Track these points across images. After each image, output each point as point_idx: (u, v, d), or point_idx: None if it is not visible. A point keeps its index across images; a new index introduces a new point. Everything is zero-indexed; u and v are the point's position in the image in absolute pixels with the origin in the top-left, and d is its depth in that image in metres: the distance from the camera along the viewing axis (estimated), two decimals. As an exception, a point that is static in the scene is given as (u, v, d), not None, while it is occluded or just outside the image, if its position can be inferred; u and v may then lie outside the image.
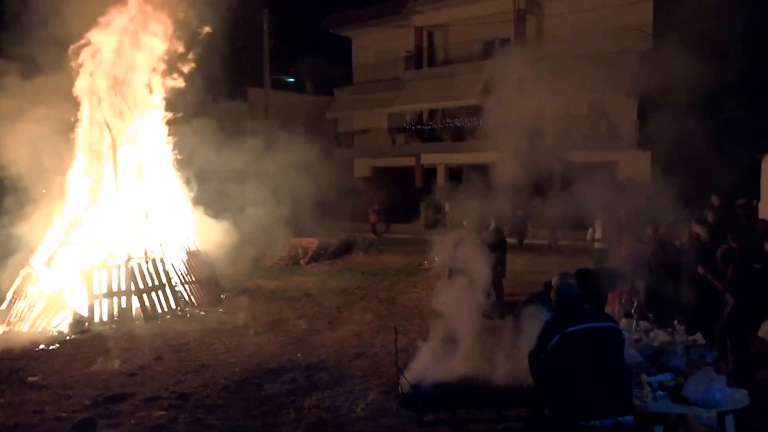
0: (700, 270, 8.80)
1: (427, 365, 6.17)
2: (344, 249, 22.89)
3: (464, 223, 11.71)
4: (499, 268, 12.16)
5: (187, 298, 13.73)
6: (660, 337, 6.80)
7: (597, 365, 4.59)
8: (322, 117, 34.85)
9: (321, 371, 9.36)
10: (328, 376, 9.15)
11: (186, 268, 14.07)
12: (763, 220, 12.43)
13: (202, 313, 13.31)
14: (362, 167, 34.43)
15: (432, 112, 32.80)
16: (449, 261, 10.35)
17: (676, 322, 7.24)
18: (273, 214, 16.83)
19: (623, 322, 7.64)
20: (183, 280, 13.84)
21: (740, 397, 5.72)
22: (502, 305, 11.59)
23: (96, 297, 12.33)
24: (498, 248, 12.02)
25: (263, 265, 19.79)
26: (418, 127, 32.85)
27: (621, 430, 4.52)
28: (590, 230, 14.84)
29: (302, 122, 19.16)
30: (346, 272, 18.91)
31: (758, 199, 14.72)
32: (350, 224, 28.23)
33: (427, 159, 32.13)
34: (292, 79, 40.17)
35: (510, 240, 17.42)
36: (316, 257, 21.12)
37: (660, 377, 5.80)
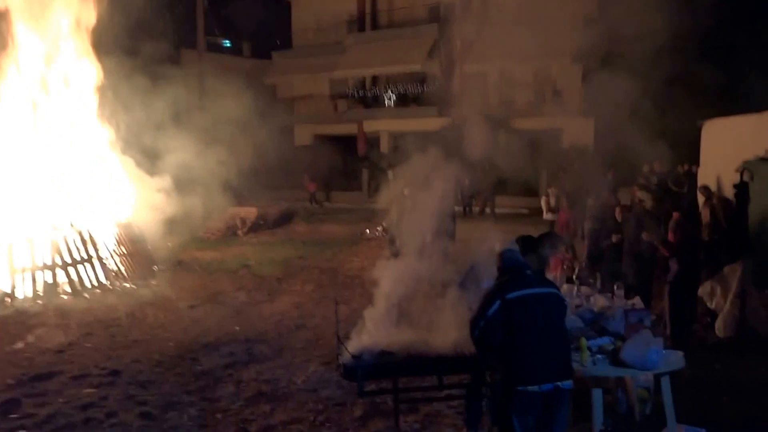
0: (645, 236, 9.08)
1: (368, 334, 6.22)
2: (284, 219, 22.82)
3: (405, 191, 11.73)
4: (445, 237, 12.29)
5: (117, 271, 13.47)
6: (600, 302, 7.01)
7: (537, 331, 4.72)
8: (260, 82, 34.32)
9: (260, 344, 9.42)
10: (267, 348, 9.24)
11: (116, 239, 13.79)
12: (705, 187, 12.84)
13: (134, 286, 13.09)
14: (303, 135, 34.12)
15: (375, 78, 32.65)
16: (393, 229, 10.43)
17: (615, 287, 7.48)
18: (209, 183, 16.60)
19: (564, 287, 7.85)
20: (113, 252, 13.57)
21: (676, 359, 5.97)
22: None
23: (18, 271, 11.98)
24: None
25: (199, 236, 19.54)
26: (361, 93, 32.68)
27: (559, 395, 4.69)
28: (543, 199, 15.12)
29: (239, 87, 18.79)
30: (287, 243, 18.91)
31: (698, 165, 15.21)
32: (290, 193, 28.10)
33: (370, 126, 32.04)
34: (228, 42, 39.35)
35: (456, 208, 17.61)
36: (255, 227, 20.99)
37: (599, 341, 5.99)
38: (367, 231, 19.61)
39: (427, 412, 6.83)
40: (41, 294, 12.00)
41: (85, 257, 12.83)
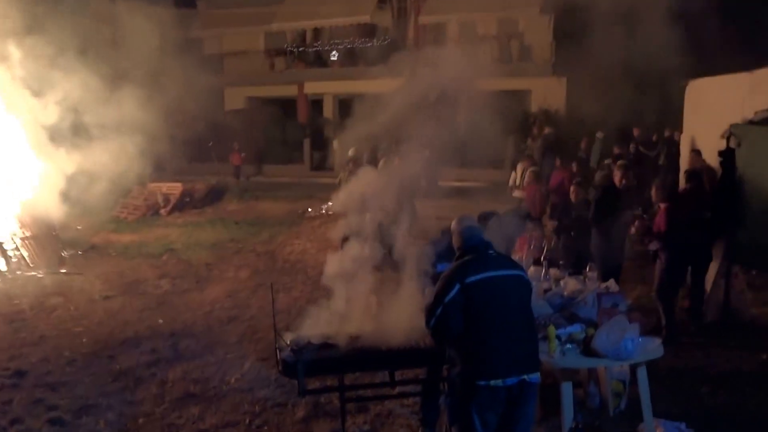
0: (634, 229, 9.38)
1: (311, 325, 6.25)
2: (214, 195, 22.68)
3: (349, 153, 11.76)
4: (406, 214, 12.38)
5: (19, 257, 13.24)
6: (570, 285, 7.16)
7: (500, 319, 4.74)
8: (184, 36, 33.69)
9: (187, 339, 9.43)
10: (195, 344, 9.25)
11: (17, 221, 13.53)
12: (696, 151, 12.98)
13: (40, 275, 12.93)
14: (234, 98, 33.71)
15: (318, 32, 32.40)
16: (340, 206, 10.43)
17: (588, 269, 7.65)
18: (126, 155, 16.34)
19: (532, 269, 8.00)
20: (13, 236, 13.33)
21: (653, 347, 6.10)
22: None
23: None
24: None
25: (115, 216, 19.30)
26: (301, 49, 32.40)
27: (525, 389, 4.74)
28: (512, 174, 15.29)
29: (157, 41, 18.43)
30: (217, 223, 18.85)
31: (681, 131, 15.54)
32: (221, 166, 27.84)
33: (312, 88, 31.84)
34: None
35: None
36: (181, 206, 20.85)
37: (569, 329, 6.10)
38: (310, 209, 19.59)
39: (377, 412, 6.92)
40: (-72, 285, 11.77)
41: (-20, 242, 12.61)
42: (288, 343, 5.94)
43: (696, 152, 12.72)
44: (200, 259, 14.32)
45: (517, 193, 14.88)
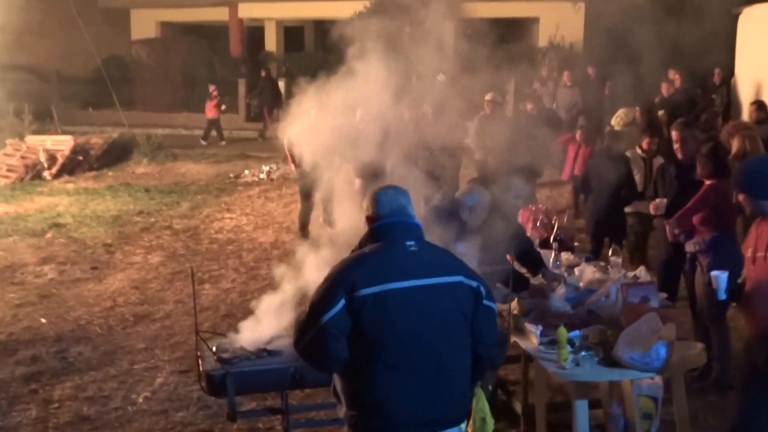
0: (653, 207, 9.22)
1: (246, 328, 6.22)
2: (117, 154, 22.62)
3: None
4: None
5: None
6: (588, 274, 7.19)
7: (408, 350, 4.24)
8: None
9: (80, 344, 9.40)
10: (91, 351, 9.22)
11: None
12: (760, 102, 13.07)
13: None
14: (143, 23, 33.34)
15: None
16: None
17: (610, 252, 7.68)
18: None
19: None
20: None
21: (694, 353, 6.18)
22: None
23: None
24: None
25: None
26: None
27: None
28: None
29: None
30: (121, 190, 18.79)
31: (733, 74, 15.69)
32: (127, 115, 27.55)
33: (248, 10, 31.59)
34: None
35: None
36: (71, 167, 20.75)
37: (585, 331, 6.16)
38: (247, 172, 19.51)
39: (333, 441, 6.95)
40: None
41: None
42: (214, 350, 5.90)
43: (759, 104, 12.84)
44: (97, 237, 14.26)
45: None
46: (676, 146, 9.22)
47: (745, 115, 13.72)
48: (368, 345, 4.17)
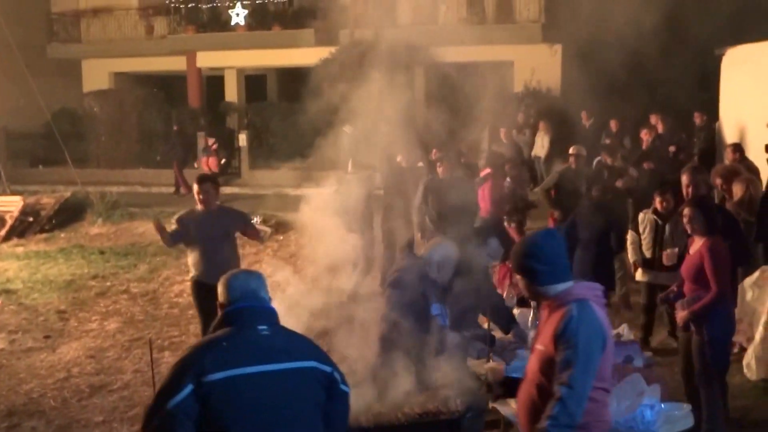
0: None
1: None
2: (69, 214, 22.64)
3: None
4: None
5: None
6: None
7: None
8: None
9: (33, 419, 9.35)
10: (45, 425, 9.15)
11: None
12: (736, 145, 13.31)
13: None
14: (96, 74, 33.36)
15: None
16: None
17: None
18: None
19: (517, 312, 8.17)
20: None
21: (680, 414, 6.27)
22: None
23: None
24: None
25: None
26: (192, 5, 32.22)
27: None
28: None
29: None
30: (74, 252, 18.85)
31: (717, 119, 15.92)
32: (80, 172, 27.51)
33: (207, 59, 31.72)
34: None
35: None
36: (21, 229, 20.86)
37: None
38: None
39: None
40: None
41: None
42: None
43: (734, 147, 13.07)
44: (50, 304, 14.24)
45: None
46: (686, 191, 9.41)
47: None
48: (216, 431, 4.31)
